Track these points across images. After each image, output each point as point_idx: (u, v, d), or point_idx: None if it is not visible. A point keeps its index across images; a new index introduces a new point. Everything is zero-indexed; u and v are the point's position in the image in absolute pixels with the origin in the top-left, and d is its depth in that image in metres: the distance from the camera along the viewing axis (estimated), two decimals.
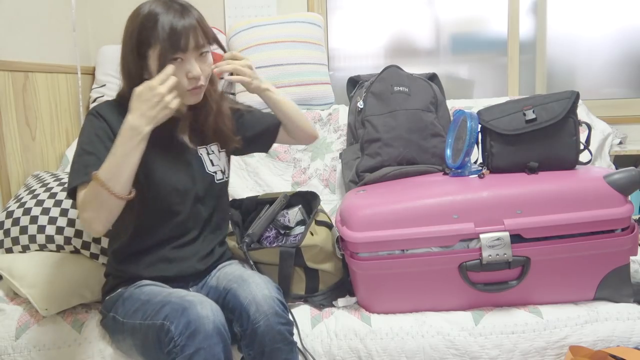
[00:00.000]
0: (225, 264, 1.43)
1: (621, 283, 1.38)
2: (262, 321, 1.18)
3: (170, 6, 1.24)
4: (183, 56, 1.24)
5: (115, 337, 1.32)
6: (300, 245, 1.44)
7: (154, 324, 1.16)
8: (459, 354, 1.32)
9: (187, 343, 1.09)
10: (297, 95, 2.26)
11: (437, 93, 1.91)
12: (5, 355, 1.37)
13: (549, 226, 1.33)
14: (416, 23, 2.62)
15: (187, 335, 1.10)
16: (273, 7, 2.50)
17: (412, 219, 1.36)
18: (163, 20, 1.22)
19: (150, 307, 1.19)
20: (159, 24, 1.22)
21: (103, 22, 2.51)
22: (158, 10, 1.23)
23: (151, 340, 1.17)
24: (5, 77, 1.85)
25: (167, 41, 1.22)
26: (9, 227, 1.63)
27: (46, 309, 1.39)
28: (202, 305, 1.14)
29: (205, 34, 1.28)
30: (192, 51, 1.25)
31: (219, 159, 1.44)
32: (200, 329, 1.10)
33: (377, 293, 1.41)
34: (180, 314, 1.12)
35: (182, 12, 1.24)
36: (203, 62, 1.29)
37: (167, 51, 1.22)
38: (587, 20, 2.51)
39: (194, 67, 1.26)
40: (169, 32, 1.21)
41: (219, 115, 1.41)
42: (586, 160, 1.55)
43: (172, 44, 1.22)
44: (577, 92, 1.49)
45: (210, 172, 1.40)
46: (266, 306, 1.19)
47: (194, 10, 1.28)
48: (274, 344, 1.18)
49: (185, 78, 1.26)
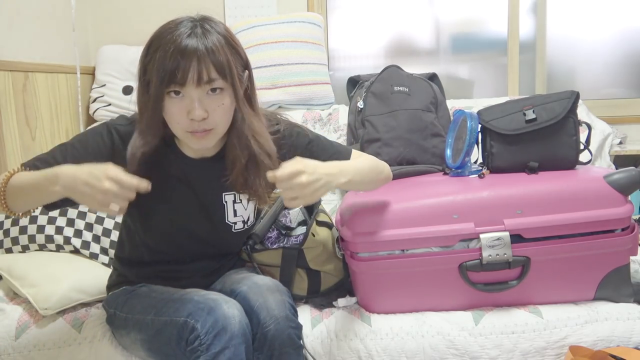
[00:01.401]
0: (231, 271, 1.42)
1: (621, 283, 1.38)
2: (272, 325, 1.15)
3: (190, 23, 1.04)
4: (181, 90, 1.04)
5: (118, 332, 1.31)
6: (303, 247, 1.44)
7: (174, 320, 1.14)
8: (459, 354, 1.32)
9: (213, 342, 1.09)
10: (297, 95, 2.27)
11: (437, 93, 1.91)
12: (5, 355, 1.37)
13: (549, 226, 1.33)
14: (416, 23, 2.62)
15: (214, 335, 1.09)
16: (273, 7, 2.50)
17: (412, 219, 1.36)
18: (168, 38, 1.02)
19: (167, 304, 1.19)
20: (162, 43, 1.03)
21: (103, 22, 2.51)
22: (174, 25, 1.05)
23: (167, 336, 1.16)
24: (5, 77, 1.86)
25: (162, 68, 1.01)
26: (8, 227, 1.63)
27: (46, 309, 1.39)
28: (228, 305, 1.13)
29: (218, 66, 1.03)
30: (192, 86, 1.03)
31: (245, 208, 1.29)
32: (227, 329, 1.10)
33: (377, 293, 1.41)
34: (207, 313, 1.11)
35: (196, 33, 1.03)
36: (214, 101, 1.06)
37: (160, 80, 1.02)
38: (587, 21, 2.51)
39: (194, 105, 1.04)
40: (168, 55, 1.01)
41: (251, 167, 1.17)
42: (586, 160, 1.55)
43: (166, 73, 1.01)
44: (577, 92, 1.49)
45: (230, 222, 1.29)
46: (277, 310, 1.17)
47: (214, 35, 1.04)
48: (283, 348, 1.17)
49: (186, 117, 1.06)
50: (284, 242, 1.51)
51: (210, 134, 1.09)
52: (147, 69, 1.06)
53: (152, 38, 1.07)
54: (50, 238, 1.61)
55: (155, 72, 1.03)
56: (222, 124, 1.10)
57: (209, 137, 1.10)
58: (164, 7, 2.46)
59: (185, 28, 1.04)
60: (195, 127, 1.06)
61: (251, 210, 1.32)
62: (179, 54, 1.01)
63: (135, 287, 1.31)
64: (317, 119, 2.24)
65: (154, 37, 1.07)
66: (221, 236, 1.30)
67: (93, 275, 1.52)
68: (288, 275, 1.44)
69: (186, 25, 1.05)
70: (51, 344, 1.37)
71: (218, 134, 1.12)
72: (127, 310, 1.25)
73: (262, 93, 2.24)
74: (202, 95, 1.05)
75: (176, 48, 1.01)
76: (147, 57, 1.06)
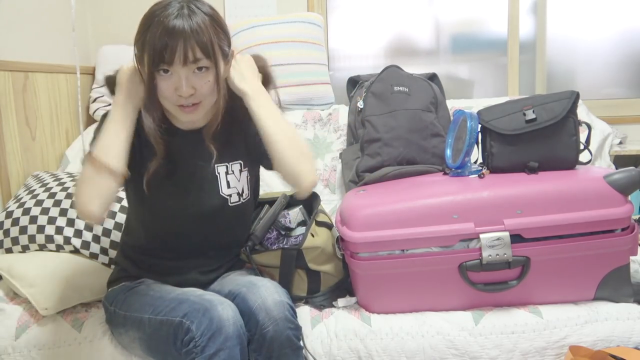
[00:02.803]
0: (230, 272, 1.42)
1: (621, 283, 1.38)
2: (271, 326, 1.16)
3: (174, 3, 1.10)
4: (169, 68, 1.11)
5: (117, 330, 1.31)
6: (302, 247, 1.44)
7: (170, 320, 1.15)
8: (459, 354, 1.32)
9: (208, 344, 1.09)
10: (297, 95, 2.27)
11: (437, 93, 1.91)
12: (5, 355, 1.37)
13: (549, 226, 1.33)
14: (416, 23, 2.62)
15: (209, 336, 1.09)
16: (273, 7, 2.50)
17: (412, 219, 1.36)
18: (157, 19, 1.08)
19: (163, 302, 1.19)
20: (152, 24, 1.09)
21: (103, 22, 2.51)
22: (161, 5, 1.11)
23: (163, 335, 1.16)
24: (5, 77, 1.86)
25: (152, 48, 1.08)
26: (8, 227, 1.63)
27: (46, 309, 1.39)
28: (223, 306, 1.14)
29: (202, 46, 1.09)
30: (179, 65, 1.09)
31: (237, 179, 1.32)
32: (222, 330, 1.10)
33: (377, 293, 1.41)
34: (202, 314, 1.11)
35: (182, 13, 1.08)
36: (200, 78, 1.13)
37: (150, 59, 1.09)
38: (587, 21, 2.51)
39: (181, 83, 1.11)
40: (156, 36, 1.07)
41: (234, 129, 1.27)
42: (586, 160, 1.55)
43: (155, 53, 1.08)
44: (577, 92, 1.49)
45: (224, 194, 1.31)
46: (276, 311, 1.17)
47: (200, 15, 1.10)
48: (282, 349, 1.17)
49: (175, 93, 1.13)
50: (284, 242, 1.51)
51: (198, 107, 1.16)
52: (139, 48, 1.12)
53: (143, 19, 1.13)
54: (50, 238, 1.61)
55: (146, 52, 1.09)
56: (208, 99, 1.17)
57: (197, 111, 1.17)
58: None
59: (173, 9, 1.09)
60: (183, 101, 1.14)
61: (244, 182, 1.34)
62: (167, 35, 1.07)
63: (134, 283, 1.31)
64: (317, 119, 2.24)
65: (144, 18, 1.13)
66: (217, 211, 1.30)
67: (93, 275, 1.53)
68: (287, 276, 1.44)
69: (174, 6, 1.10)
70: (51, 344, 1.37)
71: (205, 106, 1.18)
72: (126, 308, 1.26)
73: None
74: (189, 74, 1.12)
75: (164, 29, 1.07)
76: (139, 37, 1.12)
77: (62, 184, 1.72)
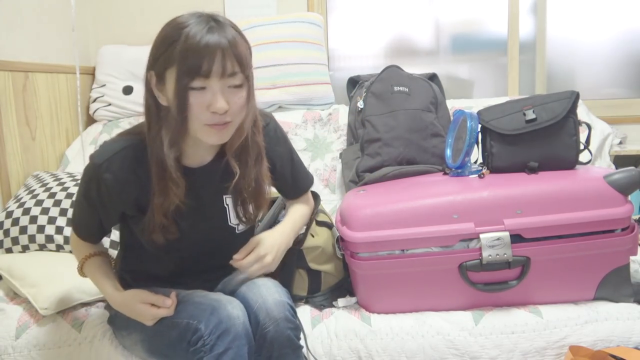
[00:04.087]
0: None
1: (621, 283, 1.38)
2: (271, 326, 1.15)
3: (202, 19, 1.04)
4: (204, 83, 1.03)
5: (120, 333, 1.31)
6: (302, 247, 1.44)
7: (175, 322, 1.15)
8: (459, 354, 1.32)
9: (217, 342, 1.09)
10: (297, 95, 2.27)
11: (437, 93, 1.91)
12: (5, 355, 1.37)
13: (549, 226, 1.33)
14: (416, 23, 2.62)
15: (218, 335, 1.09)
16: (273, 7, 2.50)
17: (412, 219, 1.36)
18: (187, 32, 1.00)
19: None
20: (181, 38, 1.01)
21: (103, 22, 2.51)
22: (185, 21, 1.03)
23: (168, 337, 1.16)
24: (5, 77, 1.86)
25: (185, 62, 1.00)
26: (8, 227, 1.63)
27: (46, 309, 1.39)
28: (232, 305, 1.14)
29: (239, 59, 1.04)
30: (216, 78, 1.03)
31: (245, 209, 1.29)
32: (231, 329, 1.10)
33: (377, 293, 1.41)
34: (210, 313, 1.11)
35: (213, 28, 1.02)
36: (234, 94, 1.06)
37: (183, 74, 1.00)
38: (587, 21, 2.51)
39: (217, 98, 1.03)
40: (190, 49, 1.00)
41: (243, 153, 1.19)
42: (586, 160, 1.55)
43: (190, 66, 1.00)
44: (577, 92, 1.49)
45: (232, 224, 1.27)
46: (276, 311, 1.16)
47: (229, 29, 1.05)
48: (282, 349, 1.16)
49: (207, 110, 1.04)
50: None
51: (228, 126, 1.08)
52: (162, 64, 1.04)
53: (164, 35, 1.05)
54: (50, 238, 1.61)
55: (177, 66, 1.01)
56: (238, 117, 1.10)
57: (227, 130, 1.09)
58: (164, 7, 2.46)
59: (199, 22, 1.03)
60: (215, 119, 1.05)
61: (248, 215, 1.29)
62: (202, 47, 1.00)
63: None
64: (317, 119, 2.24)
65: (165, 34, 1.04)
66: (224, 239, 1.27)
67: None
68: (288, 275, 1.44)
69: (198, 20, 1.04)
70: (51, 344, 1.37)
71: (234, 126, 1.11)
72: None
73: (262, 93, 2.24)
74: (224, 88, 1.05)
75: (198, 41, 1.00)
76: (161, 52, 1.04)
77: (62, 184, 1.72)
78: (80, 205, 1.21)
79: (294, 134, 2.19)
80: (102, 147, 1.14)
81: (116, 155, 1.11)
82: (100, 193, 1.13)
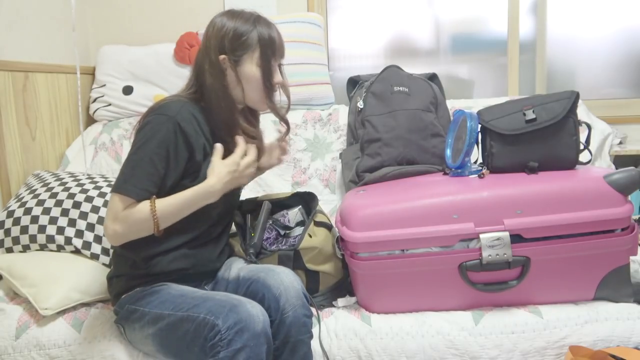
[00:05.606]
0: (231, 260, 1.46)
1: (621, 283, 1.38)
2: (290, 312, 1.22)
3: (259, 18, 1.34)
4: (274, 64, 1.36)
5: (131, 326, 1.29)
6: (299, 248, 1.44)
7: (192, 316, 1.17)
8: (459, 354, 1.32)
9: (234, 338, 1.11)
10: (297, 95, 2.26)
11: (437, 93, 1.91)
12: (5, 355, 1.37)
13: (549, 226, 1.33)
14: (416, 23, 2.62)
15: (236, 331, 1.11)
16: (273, 7, 2.50)
17: (412, 219, 1.36)
18: (260, 29, 1.32)
19: (185, 300, 1.21)
20: (255, 32, 1.31)
21: (103, 22, 2.51)
22: (248, 20, 1.32)
23: (183, 331, 1.17)
24: (5, 77, 1.86)
25: (268, 48, 1.32)
26: (9, 227, 1.63)
27: (46, 309, 1.39)
28: (252, 305, 1.16)
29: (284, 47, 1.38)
30: (279, 60, 1.38)
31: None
32: (249, 327, 1.12)
33: (377, 293, 1.41)
34: (229, 310, 1.14)
35: (270, 25, 1.35)
36: (281, 72, 1.40)
37: (268, 57, 1.32)
38: (587, 21, 2.51)
39: (278, 74, 1.37)
40: (269, 39, 1.32)
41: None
42: (586, 160, 1.55)
43: (272, 51, 1.33)
44: (577, 92, 1.49)
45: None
46: (295, 297, 1.23)
47: (274, 24, 1.38)
48: (299, 335, 1.22)
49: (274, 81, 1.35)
50: (282, 243, 1.51)
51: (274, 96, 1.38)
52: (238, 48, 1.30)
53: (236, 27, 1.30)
54: (51, 238, 1.61)
55: (261, 51, 1.31)
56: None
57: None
58: (163, 7, 2.46)
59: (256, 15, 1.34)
60: (274, 89, 1.36)
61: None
62: (278, 40, 1.35)
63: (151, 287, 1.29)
64: (317, 119, 2.24)
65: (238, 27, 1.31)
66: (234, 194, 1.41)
67: (93, 275, 1.53)
68: None
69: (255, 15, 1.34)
70: (51, 344, 1.37)
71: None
72: (144, 304, 1.26)
73: None
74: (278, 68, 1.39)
75: (271, 30, 1.34)
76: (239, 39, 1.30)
77: (63, 184, 1.72)
78: (150, 161, 1.22)
79: (294, 134, 2.19)
80: (165, 105, 1.27)
81: (183, 109, 1.27)
82: (177, 141, 1.24)
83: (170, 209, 1.23)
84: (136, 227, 1.21)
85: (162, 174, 1.23)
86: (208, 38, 1.32)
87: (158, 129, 1.23)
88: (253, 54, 1.31)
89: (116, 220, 1.20)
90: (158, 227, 1.22)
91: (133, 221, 1.21)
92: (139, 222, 1.21)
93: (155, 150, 1.22)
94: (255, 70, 1.32)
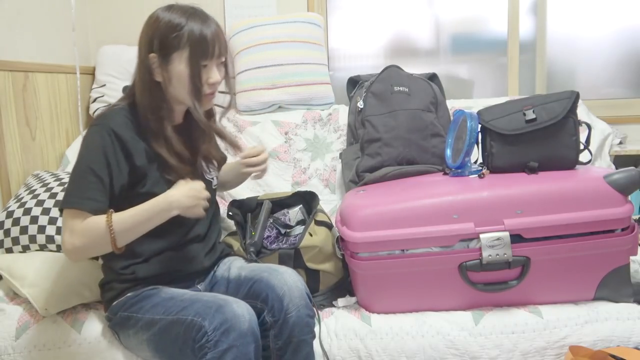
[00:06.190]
0: (231, 259, 1.45)
1: (621, 283, 1.38)
2: (294, 312, 1.22)
3: (194, 14, 1.27)
4: (208, 63, 1.28)
5: (125, 333, 1.29)
6: (299, 247, 1.44)
7: (181, 319, 1.16)
8: (459, 354, 1.32)
9: (220, 339, 1.11)
10: (297, 95, 2.26)
11: (437, 93, 1.91)
12: (5, 355, 1.37)
13: (549, 226, 1.33)
14: (416, 23, 2.62)
15: (222, 332, 1.11)
16: (273, 7, 2.50)
17: (412, 219, 1.36)
18: (191, 26, 1.25)
19: (175, 303, 1.20)
20: (185, 29, 1.24)
21: (103, 22, 2.51)
22: (181, 16, 1.25)
23: (174, 334, 1.17)
24: (5, 77, 1.86)
25: (198, 47, 1.25)
26: (9, 227, 1.63)
27: (46, 309, 1.39)
28: (238, 304, 1.16)
29: (225, 44, 1.32)
30: (215, 58, 1.29)
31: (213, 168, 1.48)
32: (235, 327, 1.12)
33: (377, 293, 1.41)
34: (215, 311, 1.14)
35: (206, 21, 1.28)
36: (220, 70, 1.32)
37: (197, 57, 1.25)
38: (587, 20, 2.51)
39: (215, 73, 1.30)
40: (199, 38, 1.24)
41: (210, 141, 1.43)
42: (586, 160, 1.55)
43: (202, 50, 1.25)
44: (577, 92, 1.49)
45: (208, 178, 1.43)
46: (298, 298, 1.23)
47: (213, 20, 1.31)
48: (302, 335, 1.22)
49: (206, 84, 1.30)
50: (283, 241, 1.51)
51: (215, 95, 1.34)
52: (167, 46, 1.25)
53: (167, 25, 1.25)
54: (51, 238, 1.61)
55: (190, 50, 1.25)
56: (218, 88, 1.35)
57: (213, 98, 1.35)
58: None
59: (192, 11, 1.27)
60: (212, 89, 1.31)
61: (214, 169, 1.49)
62: (210, 37, 1.26)
63: (140, 291, 1.29)
64: (317, 119, 2.24)
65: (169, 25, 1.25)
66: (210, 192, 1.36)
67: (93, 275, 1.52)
68: None
69: (193, 13, 1.27)
70: (51, 344, 1.37)
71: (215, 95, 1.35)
72: (136, 310, 1.25)
73: (262, 93, 2.24)
74: (217, 65, 1.31)
75: (202, 29, 1.25)
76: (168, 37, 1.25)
77: (63, 184, 1.72)
78: (91, 171, 1.20)
79: (294, 134, 2.19)
80: (100, 115, 1.28)
81: (117, 115, 1.27)
82: (114, 147, 1.23)
83: (129, 221, 1.19)
84: (94, 241, 1.18)
85: (107, 181, 1.21)
86: (141, 34, 1.31)
87: (92, 139, 1.23)
88: (182, 52, 1.25)
89: (73, 234, 1.17)
90: (115, 243, 1.18)
91: (90, 235, 1.18)
92: (97, 237, 1.18)
93: (94, 160, 1.21)
94: (184, 69, 1.26)
